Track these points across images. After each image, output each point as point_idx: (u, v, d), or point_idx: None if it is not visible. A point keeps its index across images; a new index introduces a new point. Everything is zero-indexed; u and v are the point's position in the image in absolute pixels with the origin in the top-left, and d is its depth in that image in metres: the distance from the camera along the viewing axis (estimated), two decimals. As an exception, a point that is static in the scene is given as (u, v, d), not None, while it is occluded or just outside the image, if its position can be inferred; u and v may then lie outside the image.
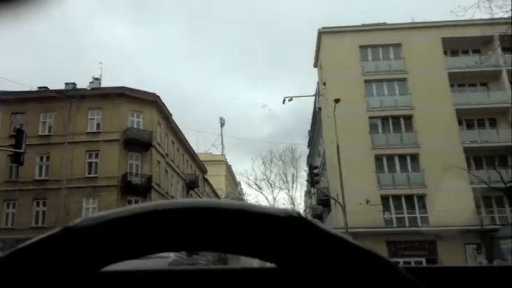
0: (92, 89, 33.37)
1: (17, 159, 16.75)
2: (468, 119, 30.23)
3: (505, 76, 29.88)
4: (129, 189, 28.79)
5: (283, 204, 44.05)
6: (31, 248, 0.51)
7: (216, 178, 56.29)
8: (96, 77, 35.63)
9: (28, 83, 51.07)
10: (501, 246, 17.39)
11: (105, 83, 34.75)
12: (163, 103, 34.10)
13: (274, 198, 43.09)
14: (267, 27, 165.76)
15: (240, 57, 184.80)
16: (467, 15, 14.84)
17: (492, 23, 17.67)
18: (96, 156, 30.00)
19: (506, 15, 13.14)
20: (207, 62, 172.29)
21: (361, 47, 32.17)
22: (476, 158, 28.99)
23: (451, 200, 24.58)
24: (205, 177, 52.56)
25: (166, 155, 35.41)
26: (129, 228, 0.53)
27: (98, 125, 31.18)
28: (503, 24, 14.54)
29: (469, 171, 26.45)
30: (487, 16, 14.71)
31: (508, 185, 18.79)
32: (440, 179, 25.37)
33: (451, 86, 30.51)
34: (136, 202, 29.21)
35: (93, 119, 31.35)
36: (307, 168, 41.05)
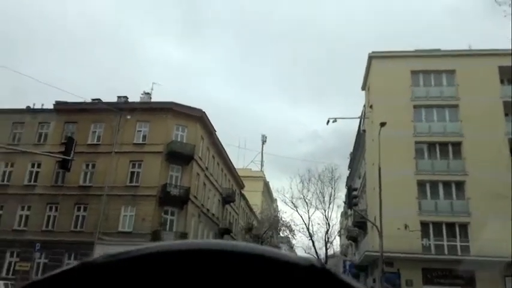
0: (142, 102, 34.66)
1: (64, 165, 17.39)
2: (521, 148, 28.51)
3: None
4: (167, 199, 29.23)
5: (318, 223, 42.92)
6: (51, 280, 0.53)
7: (252, 194, 56.27)
8: (147, 91, 37.01)
9: (86, 95, 54.75)
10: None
11: (155, 97, 36.10)
12: (208, 119, 34.79)
13: (309, 218, 42.24)
14: (315, 48, 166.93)
15: (287, 77, 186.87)
16: None
17: None
18: (139, 166, 30.83)
19: None
20: (255, 81, 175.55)
21: (413, 72, 31.66)
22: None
23: (496, 230, 23.17)
24: (242, 192, 52.62)
25: (206, 168, 35.87)
26: (143, 267, 0.55)
27: (144, 137, 32.14)
28: None
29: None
30: None
31: None
32: (486, 208, 24.03)
33: (506, 115, 29.03)
34: (172, 213, 29.75)
35: (141, 131, 32.37)
36: (345, 190, 40.19)
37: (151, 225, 28.39)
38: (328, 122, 32.92)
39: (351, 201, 23.75)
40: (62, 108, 33.30)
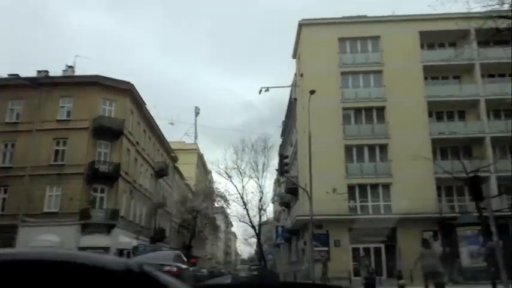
0: (64, 77, 32.81)
1: None
2: (438, 111, 30.46)
3: (477, 70, 30.06)
4: (96, 177, 28.28)
5: (252, 192, 44.14)
6: None
7: (187, 166, 56.14)
8: (70, 65, 35.04)
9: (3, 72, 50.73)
10: (458, 233, 17.33)
11: (80, 72, 34.15)
12: (137, 92, 33.68)
13: (243, 187, 43.06)
14: (244, 18, 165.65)
15: (218, 48, 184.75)
16: (445, 9, 14.65)
17: (468, 16, 17.57)
18: (64, 144, 29.42)
19: (483, 9, 12.92)
20: (185, 53, 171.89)
21: (340, 39, 32.19)
22: (443, 149, 29.55)
23: (415, 189, 24.77)
24: (176, 165, 52.24)
25: (137, 143, 34.98)
26: None
27: (69, 113, 30.58)
28: (479, 19, 14.28)
29: (434, 161, 26.57)
30: (464, 10, 14.55)
31: (470, 175, 18.63)
32: (407, 169, 25.48)
33: (425, 78, 30.63)
34: (102, 190, 28.93)
35: (64, 106, 30.72)
36: (278, 158, 41.07)
37: (80, 204, 27.43)
38: (260, 91, 32.84)
39: (282, 168, 24.29)
40: (-26, 85, 30.72)
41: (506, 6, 11.96)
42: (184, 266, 12.97)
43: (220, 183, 50.73)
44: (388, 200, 27.54)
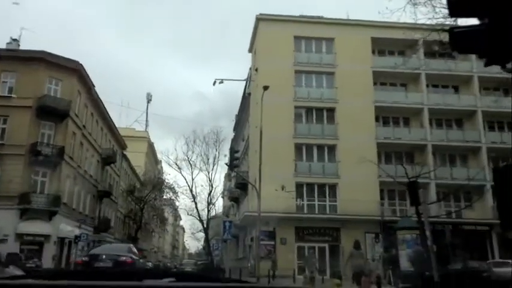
0: (7, 50, 30.80)
1: None
2: (385, 116, 31.80)
3: (423, 79, 31.68)
4: (38, 159, 27.04)
5: (202, 185, 43.93)
6: None
7: (136, 155, 54.73)
8: (14, 38, 32.91)
9: None
10: (398, 236, 18.43)
11: (26, 47, 32.21)
12: (86, 72, 32.40)
13: (193, 179, 42.80)
14: (202, 6, 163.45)
15: (172, 35, 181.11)
16: (394, 18, 15.26)
17: (415, 27, 18.48)
18: (4, 122, 27.82)
19: (428, 22, 13.63)
20: (139, 37, 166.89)
21: (296, 37, 32.58)
22: (387, 153, 30.93)
23: (360, 191, 25.80)
24: (124, 153, 50.84)
25: (84, 126, 33.66)
26: None
27: (10, 89, 28.88)
28: (424, 30, 15.12)
29: (379, 165, 27.82)
30: (411, 20, 15.24)
31: (411, 180, 19.75)
32: (353, 170, 26.45)
33: (374, 83, 31.81)
34: (44, 174, 27.69)
35: (6, 82, 29.04)
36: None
37: (20, 187, 26.08)
38: (214, 82, 32.64)
39: (232, 163, 24.27)
40: None
41: (449, 21, 12.72)
42: (136, 257, 13.90)
43: (170, 174, 50.35)
44: (334, 201, 28.33)
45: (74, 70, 30.91)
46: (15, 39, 32.71)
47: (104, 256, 13.10)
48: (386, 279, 18.90)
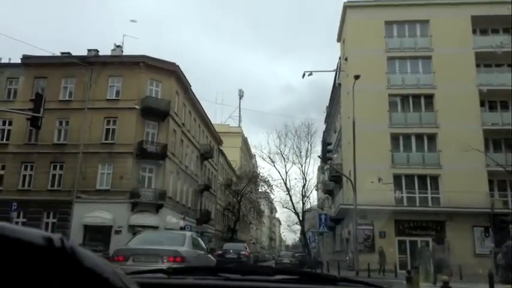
0: (113, 56, 33.43)
1: (34, 123, 16.31)
2: (491, 100, 29.40)
3: (533, 57, 28.63)
4: (144, 156, 29.01)
5: (295, 178, 44.14)
6: None
7: (231, 150, 56.39)
8: (118, 44, 35.63)
9: (53, 50, 52.24)
10: (510, 230, 17.02)
11: (127, 52, 34.83)
12: (182, 73, 34.05)
13: (286, 173, 43.13)
14: (295, 2, 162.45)
15: (258, 29, 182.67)
16: None
17: None
18: (114, 123, 30.24)
19: None
20: (226, 34, 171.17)
21: (387, 22, 31.43)
22: (496, 140, 28.50)
23: (465, 182, 24.15)
24: (221, 148, 52.56)
25: (183, 124, 35.57)
26: None
27: (118, 93, 31.25)
28: None
29: (486, 153, 25.85)
30: None
31: (525, 169, 18.14)
32: (457, 160, 24.89)
33: (477, 66, 29.58)
34: (150, 170, 29.74)
35: (113, 86, 31.42)
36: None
37: (130, 182, 28.37)
38: (304, 75, 32.62)
39: (325, 155, 24.12)
40: (31, 63, 31.78)
41: None
42: (249, 251, 17.43)
43: (264, 167, 51.19)
44: (437, 193, 26.98)
45: (171, 72, 32.61)
46: (118, 46, 35.33)
47: (231, 250, 20.04)
48: (498, 275, 17.63)
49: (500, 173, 24.29)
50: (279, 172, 43.41)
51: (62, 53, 33.52)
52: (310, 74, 33.20)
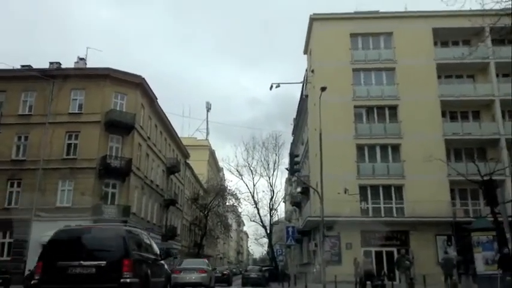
0: (76, 69, 32.64)
1: None
2: (452, 110, 30.19)
3: (492, 68, 29.70)
4: (108, 171, 28.27)
5: (263, 191, 44.00)
6: None
7: (198, 163, 55.99)
8: (81, 57, 34.86)
9: (13, 63, 50.80)
10: (472, 238, 17.26)
11: (91, 64, 34.06)
12: (148, 86, 33.55)
13: (254, 185, 42.85)
14: (254, 11, 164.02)
15: (223, 41, 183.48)
16: (458, 5, 14.32)
17: (482, 14, 17.24)
18: (76, 137, 29.36)
19: (496, 7, 12.63)
20: (191, 45, 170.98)
21: (352, 35, 31.87)
22: (457, 150, 29.23)
23: (428, 192, 24.47)
24: (188, 162, 52.01)
25: (149, 138, 34.92)
26: None
27: (80, 106, 30.44)
28: (493, 16, 14.00)
29: (448, 163, 26.35)
30: (478, 6, 14.24)
31: (485, 178, 18.44)
32: (420, 170, 25.23)
33: (439, 77, 30.33)
34: (114, 185, 28.99)
35: (76, 99, 30.58)
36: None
37: (92, 199, 27.51)
38: (271, 87, 32.46)
39: (292, 167, 24.01)
40: (-13, 76, 30.65)
41: None
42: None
43: (231, 181, 50.60)
44: (401, 203, 27.24)
45: (137, 84, 32.07)
46: (82, 58, 34.58)
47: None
48: (462, 284, 17.85)
49: (461, 182, 24.71)
50: (247, 185, 43.19)
51: (22, 66, 32.54)
52: (278, 86, 32.96)
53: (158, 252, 10.36)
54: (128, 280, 7.30)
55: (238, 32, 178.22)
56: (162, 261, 10.55)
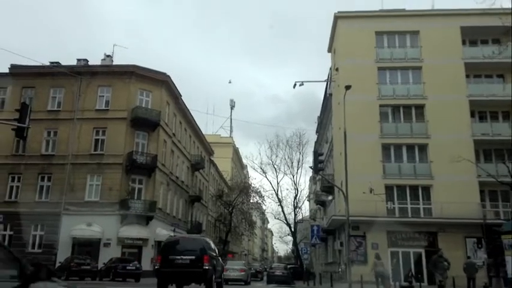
0: (103, 66, 33.12)
1: (19, 133, 15.64)
2: (481, 111, 29.53)
3: (523, 68, 28.85)
4: (134, 167, 28.65)
5: (287, 189, 43.71)
6: None
7: (222, 160, 56.15)
8: (108, 54, 35.35)
9: (42, 59, 51.73)
10: (503, 241, 16.95)
11: (117, 61, 34.52)
12: (173, 83, 33.84)
13: (278, 183, 42.72)
14: (277, 9, 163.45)
15: (245, 39, 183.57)
16: (488, 3, 13.99)
17: None
18: (103, 133, 29.88)
19: None
20: (216, 44, 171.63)
21: (377, 33, 31.45)
22: (486, 151, 28.55)
23: (457, 193, 24.01)
24: (212, 158, 52.25)
25: (174, 135, 35.26)
26: None
27: (107, 103, 30.92)
28: None
29: (477, 164, 25.84)
30: (508, 5, 13.92)
31: (516, 179, 18.11)
32: (448, 171, 24.81)
33: (467, 76, 29.72)
34: (140, 181, 29.37)
35: (103, 96, 31.08)
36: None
37: (119, 194, 27.94)
38: (295, 85, 32.51)
39: (316, 166, 23.91)
40: (19, 72, 31.34)
41: None
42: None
43: (255, 178, 50.60)
44: (429, 203, 26.76)
45: (162, 81, 32.39)
46: (108, 55, 35.08)
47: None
48: (492, 286, 17.59)
49: (491, 183, 24.25)
50: (271, 183, 43.15)
51: (51, 63, 33.15)
52: (302, 84, 32.99)
53: (217, 252, 15.14)
54: (207, 267, 12.25)
55: (259, 29, 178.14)
56: (219, 258, 15.25)
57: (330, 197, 34.59)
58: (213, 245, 14.64)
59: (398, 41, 31.72)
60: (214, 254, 13.91)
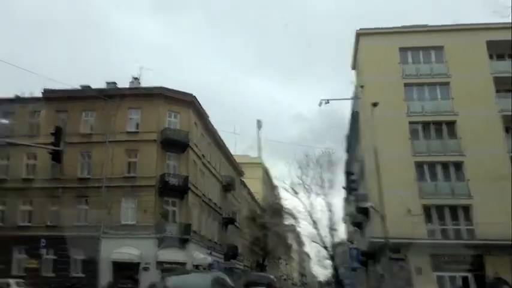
0: (131, 88, 33.61)
1: (55, 157, 16.06)
2: (515, 126, 29.11)
3: (554, 81, 28.54)
4: (167, 189, 28.86)
5: (321, 210, 42.70)
6: None
7: (252, 181, 55.85)
8: (135, 76, 35.91)
9: (71, 83, 52.48)
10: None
11: (144, 84, 34.99)
12: (199, 104, 34.18)
13: (311, 204, 42.09)
14: (301, 28, 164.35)
15: (268, 58, 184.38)
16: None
17: None
18: (135, 155, 30.20)
19: None
20: (235, 61, 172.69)
21: (401, 49, 31.36)
22: (525, 167, 27.91)
23: (500, 212, 23.33)
24: (242, 179, 51.84)
25: (203, 156, 35.44)
26: None
27: (137, 125, 31.36)
28: None
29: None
30: None
31: None
32: (488, 189, 24.27)
33: (497, 91, 29.40)
34: (173, 203, 29.48)
35: (132, 118, 31.53)
36: (344, 174, 39.90)
37: (154, 216, 28.10)
38: (320, 103, 32.49)
39: (349, 186, 23.71)
40: (51, 96, 31.98)
41: None
42: None
43: (287, 199, 49.55)
44: (470, 224, 25.99)
45: (189, 102, 32.76)
46: (136, 78, 35.71)
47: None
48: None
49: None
50: (303, 203, 42.36)
51: (82, 86, 33.78)
52: (327, 102, 32.87)
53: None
54: None
55: (280, 47, 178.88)
56: None
57: (366, 218, 34.11)
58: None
59: (423, 56, 31.56)
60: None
